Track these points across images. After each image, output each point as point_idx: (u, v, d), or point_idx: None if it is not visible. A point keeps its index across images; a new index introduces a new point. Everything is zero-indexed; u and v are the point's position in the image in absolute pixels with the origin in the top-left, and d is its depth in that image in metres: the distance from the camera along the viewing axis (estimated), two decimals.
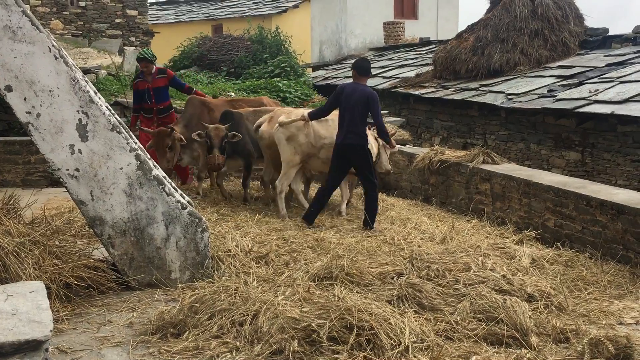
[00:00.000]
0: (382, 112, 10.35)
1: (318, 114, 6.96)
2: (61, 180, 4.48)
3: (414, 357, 3.39)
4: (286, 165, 7.10)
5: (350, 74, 7.02)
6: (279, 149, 7.14)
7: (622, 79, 10.23)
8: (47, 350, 2.74)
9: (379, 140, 7.08)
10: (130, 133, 4.99)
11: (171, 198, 4.66)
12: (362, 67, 6.80)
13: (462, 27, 19.07)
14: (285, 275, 4.73)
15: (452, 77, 13.83)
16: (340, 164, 6.66)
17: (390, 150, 7.27)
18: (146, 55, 8.56)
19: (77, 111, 4.41)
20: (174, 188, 4.95)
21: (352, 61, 7.66)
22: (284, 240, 5.79)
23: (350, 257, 4.99)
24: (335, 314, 3.61)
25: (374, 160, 6.95)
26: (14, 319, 2.77)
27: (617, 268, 5.25)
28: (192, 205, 4.96)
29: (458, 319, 3.93)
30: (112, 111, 5.07)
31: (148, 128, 8.11)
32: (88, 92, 4.45)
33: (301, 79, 14.32)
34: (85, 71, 10.60)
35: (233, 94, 12.19)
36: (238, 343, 3.60)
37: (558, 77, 11.63)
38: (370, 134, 6.94)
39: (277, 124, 7.02)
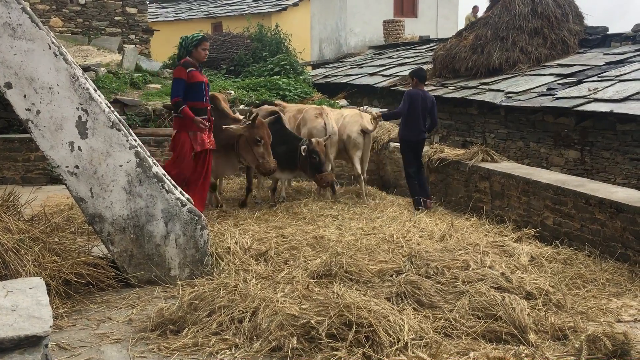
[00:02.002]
0: (382, 110, 10.58)
1: (392, 117, 8.55)
2: (61, 177, 4.49)
3: (413, 353, 3.40)
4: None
5: (351, 72, 7.20)
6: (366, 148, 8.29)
7: (621, 78, 10.22)
8: (46, 346, 2.75)
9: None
10: (130, 130, 5.00)
11: (171, 195, 4.67)
12: (422, 76, 8.13)
13: (461, 25, 19.14)
14: (285, 272, 4.74)
15: (452, 75, 13.83)
16: (413, 155, 7.94)
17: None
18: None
19: (77, 108, 4.42)
20: (173, 186, 4.96)
21: (352, 59, 8.12)
22: (283, 237, 5.81)
23: (350, 254, 5.00)
24: (334, 311, 3.62)
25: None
26: (13, 315, 2.78)
27: (616, 266, 5.25)
28: (191, 203, 4.97)
29: (457, 316, 3.94)
30: (112, 108, 5.08)
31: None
32: (88, 89, 4.46)
33: (301, 77, 14.32)
34: (85, 69, 10.59)
35: (233, 92, 12.19)
36: (237, 340, 3.62)
37: (557, 75, 11.63)
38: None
39: (364, 129, 8.12)
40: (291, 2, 23.97)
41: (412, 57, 17.71)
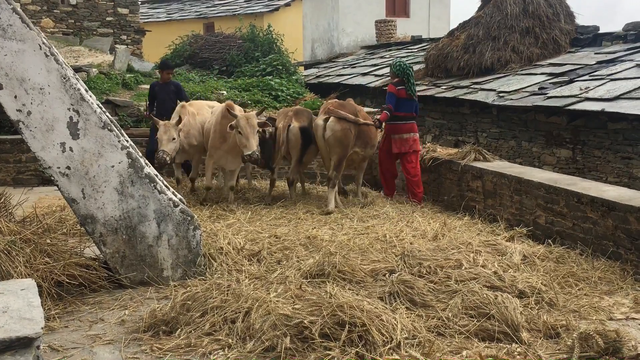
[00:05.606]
0: (374, 110, 10.49)
1: None
2: (52, 178, 4.47)
3: (406, 352, 3.41)
4: None
5: (344, 72, 7.15)
6: None
7: (612, 77, 10.26)
8: (38, 347, 2.74)
9: None
10: (122, 131, 4.98)
11: (163, 196, 4.66)
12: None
13: (453, 25, 19.18)
14: (278, 272, 4.74)
15: (444, 75, 13.85)
16: None
17: None
18: None
19: (68, 109, 4.40)
20: (165, 186, 4.95)
21: (344, 59, 8.07)
22: (276, 237, 5.80)
23: (342, 254, 5.00)
24: (327, 310, 3.62)
25: None
26: (5, 317, 2.77)
27: (608, 264, 5.27)
28: (184, 203, 4.96)
29: (449, 315, 3.95)
30: (104, 109, 5.07)
31: None
32: (79, 90, 4.44)
33: (293, 77, 14.29)
34: (77, 69, 10.55)
35: (225, 92, 12.16)
36: (230, 340, 3.61)
37: (549, 74, 11.66)
38: None
39: None
40: (283, 2, 23.94)
41: (404, 57, 17.71)
